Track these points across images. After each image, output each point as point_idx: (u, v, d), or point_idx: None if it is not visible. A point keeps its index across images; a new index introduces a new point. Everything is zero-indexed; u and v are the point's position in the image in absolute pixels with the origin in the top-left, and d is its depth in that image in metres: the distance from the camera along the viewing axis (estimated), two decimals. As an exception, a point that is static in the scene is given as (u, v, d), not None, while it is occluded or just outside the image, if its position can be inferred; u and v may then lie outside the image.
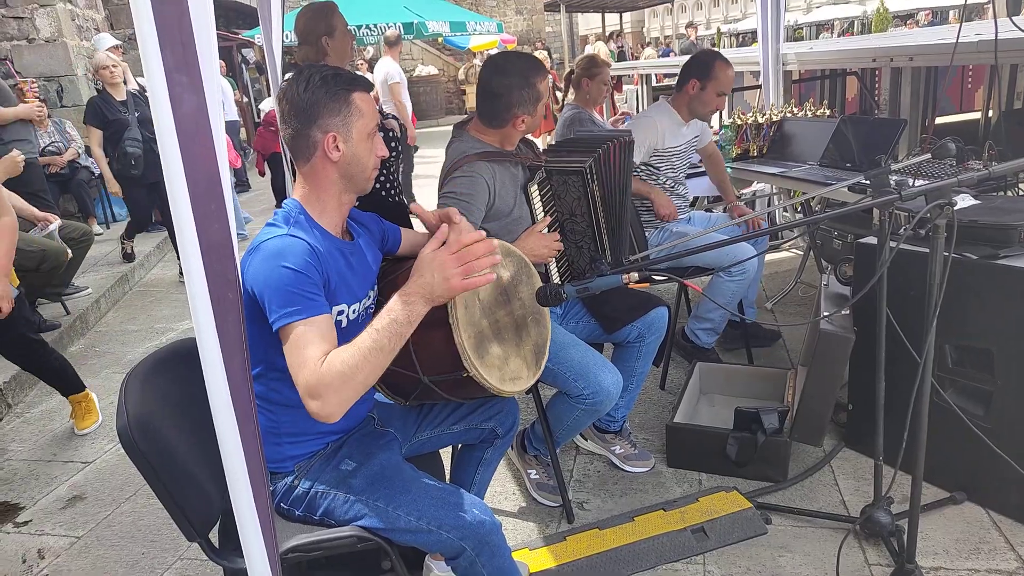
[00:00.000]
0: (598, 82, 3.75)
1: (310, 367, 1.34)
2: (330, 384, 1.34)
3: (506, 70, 2.12)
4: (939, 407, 2.07)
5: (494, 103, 2.12)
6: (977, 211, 2.22)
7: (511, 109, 2.11)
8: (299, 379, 1.35)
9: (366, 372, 1.37)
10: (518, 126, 2.15)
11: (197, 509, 1.46)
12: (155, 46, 1.09)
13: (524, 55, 2.29)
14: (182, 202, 1.13)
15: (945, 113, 4.81)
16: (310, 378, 1.34)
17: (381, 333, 1.40)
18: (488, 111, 2.15)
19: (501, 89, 2.10)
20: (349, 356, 1.36)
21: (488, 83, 2.13)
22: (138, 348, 4.28)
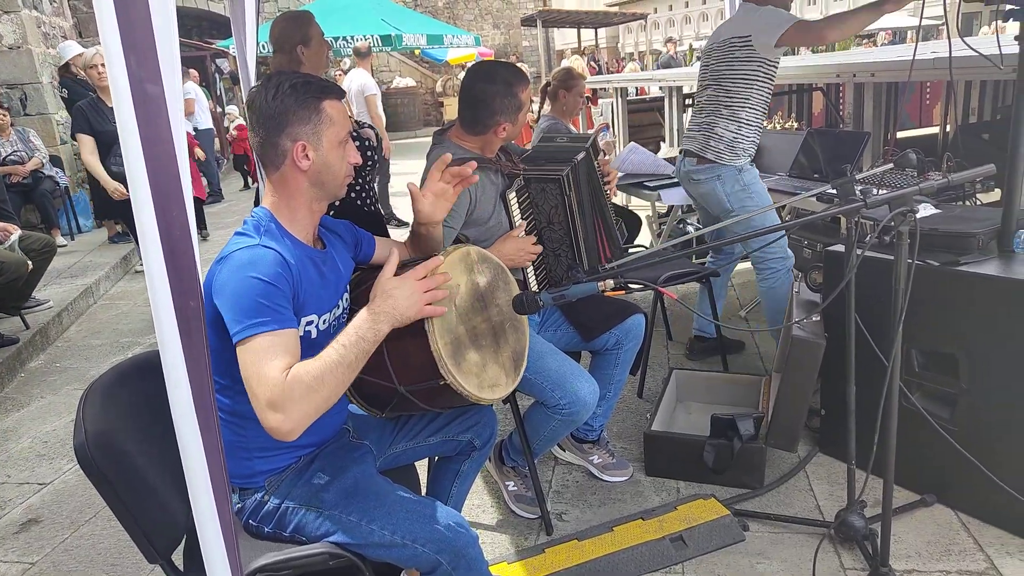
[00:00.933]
0: (574, 94, 3.78)
1: (273, 379, 1.31)
2: (295, 397, 1.31)
3: (490, 78, 2.14)
4: (908, 411, 2.10)
5: (477, 110, 2.13)
6: (938, 220, 2.27)
7: (493, 116, 2.12)
8: (259, 392, 1.31)
9: (331, 386, 1.36)
10: (499, 133, 2.16)
11: (160, 530, 1.41)
12: (119, 52, 1.08)
13: (508, 64, 2.31)
14: (146, 209, 1.11)
15: (905, 128, 4.94)
16: (273, 391, 1.30)
17: (348, 349, 1.39)
18: (470, 118, 2.16)
19: (484, 96, 2.11)
20: (315, 369, 1.35)
21: (471, 90, 2.15)
22: (101, 363, 4.16)
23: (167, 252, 1.13)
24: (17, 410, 3.63)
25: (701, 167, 3.03)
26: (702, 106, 3.05)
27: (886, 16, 2.77)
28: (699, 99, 3.09)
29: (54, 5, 7.59)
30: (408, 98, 17.55)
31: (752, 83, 2.87)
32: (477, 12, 22.63)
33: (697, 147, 3.03)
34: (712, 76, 2.99)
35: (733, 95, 2.91)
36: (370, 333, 1.43)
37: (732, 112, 2.92)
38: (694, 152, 3.05)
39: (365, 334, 1.42)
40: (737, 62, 2.87)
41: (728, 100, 2.92)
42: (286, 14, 2.92)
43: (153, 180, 1.11)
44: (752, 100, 2.90)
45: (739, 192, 2.99)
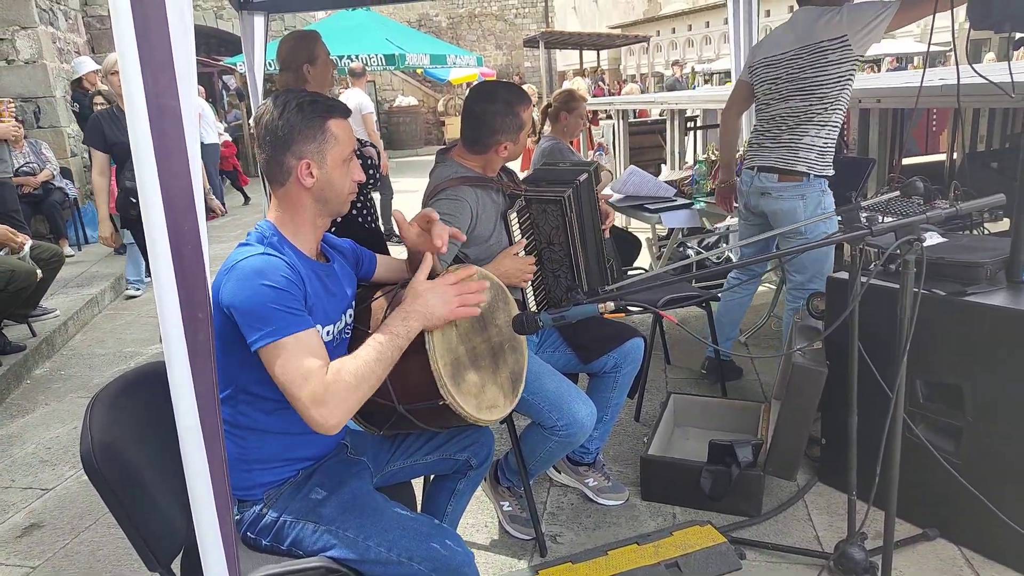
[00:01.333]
0: (575, 116, 3.81)
1: (316, 377, 1.35)
2: (338, 393, 1.36)
3: (491, 97, 2.15)
4: (911, 442, 2.09)
5: (478, 129, 2.15)
6: (945, 249, 2.27)
7: (495, 135, 2.14)
8: (302, 391, 1.35)
9: (371, 382, 1.42)
10: (501, 152, 2.17)
11: (160, 539, 1.41)
12: (136, 67, 1.09)
13: (510, 85, 2.33)
14: (156, 221, 1.12)
15: (911, 154, 4.96)
16: (316, 388, 1.35)
17: (384, 345, 1.44)
18: (472, 137, 2.18)
19: (486, 116, 2.13)
20: (356, 366, 1.40)
21: (473, 109, 2.16)
22: (105, 372, 4.18)
23: (177, 265, 1.14)
24: (22, 416, 3.64)
25: (785, 184, 2.91)
26: (781, 119, 2.92)
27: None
28: (771, 112, 2.96)
29: (69, 21, 7.70)
30: (410, 117, 17.68)
31: (845, 85, 2.77)
32: (480, 33, 22.86)
33: (780, 161, 2.90)
34: (795, 85, 2.85)
35: (827, 99, 2.79)
36: (402, 329, 1.48)
37: (824, 118, 2.81)
38: (777, 168, 2.92)
39: (398, 330, 1.47)
40: (831, 65, 2.74)
41: (821, 106, 2.80)
42: (293, 33, 2.96)
43: (166, 192, 1.12)
44: (842, 102, 2.81)
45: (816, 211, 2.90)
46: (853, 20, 2.69)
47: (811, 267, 2.95)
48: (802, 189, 2.89)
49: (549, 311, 1.60)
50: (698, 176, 4.15)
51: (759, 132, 3.04)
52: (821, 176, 2.88)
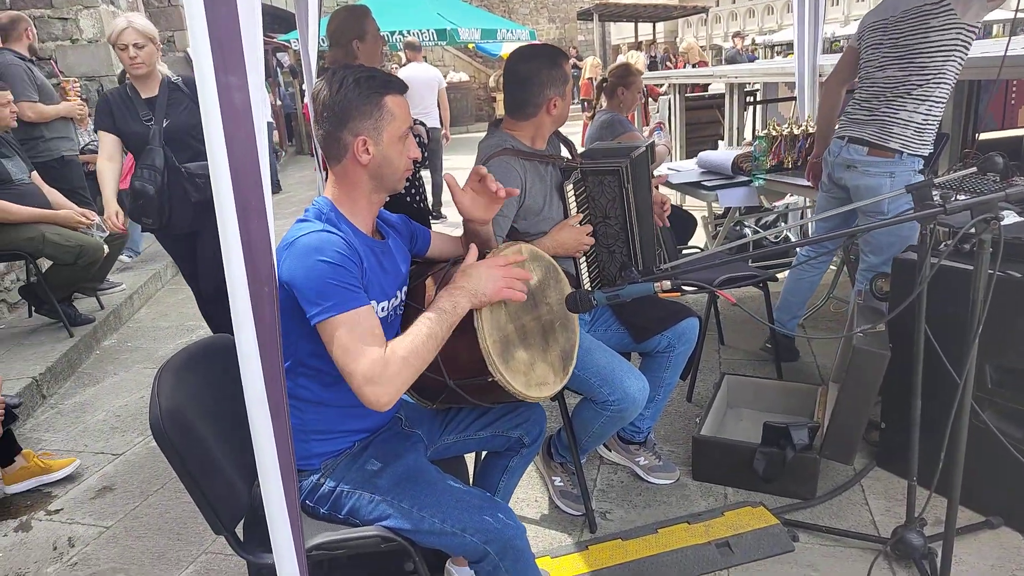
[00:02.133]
0: (633, 90, 3.76)
1: (371, 355, 1.38)
2: (391, 371, 1.39)
3: (532, 55, 2.16)
4: (976, 428, 2.01)
5: (525, 88, 2.14)
6: (1021, 228, 2.16)
7: (543, 91, 2.12)
8: (356, 367, 1.38)
9: (423, 358, 1.45)
10: (551, 111, 2.16)
11: (225, 503, 1.47)
12: (206, 45, 1.11)
13: (544, 44, 2.31)
14: (226, 198, 1.15)
15: (987, 129, 4.71)
16: (370, 366, 1.38)
17: (434, 321, 1.47)
18: (520, 100, 2.16)
19: (530, 73, 2.12)
20: (409, 343, 1.43)
21: (516, 71, 2.15)
22: (168, 344, 4.35)
23: (244, 240, 1.17)
24: (93, 385, 3.81)
25: (875, 159, 2.72)
26: (878, 89, 2.73)
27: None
28: (869, 81, 2.78)
29: (130, 1, 7.88)
30: (461, 92, 17.63)
31: (949, 55, 2.54)
32: (533, 6, 22.60)
33: (873, 135, 2.72)
34: (895, 54, 2.66)
35: (928, 71, 2.58)
36: (449, 305, 1.50)
37: (925, 92, 2.60)
38: (867, 141, 2.74)
39: (446, 307, 1.50)
40: (933, 32, 2.53)
41: (920, 78, 2.59)
42: (343, 8, 2.96)
43: (234, 170, 1.14)
44: (947, 75, 2.58)
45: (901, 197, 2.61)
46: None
47: (888, 249, 2.75)
48: (892, 166, 2.70)
49: (603, 289, 1.59)
50: (758, 153, 4.04)
51: (856, 102, 2.85)
52: (916, 155, 2.69)
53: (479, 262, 1.60)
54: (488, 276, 1.55)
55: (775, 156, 3.93)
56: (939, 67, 2.56)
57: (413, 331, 1.46)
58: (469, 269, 1.57)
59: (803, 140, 3.91)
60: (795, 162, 3.92)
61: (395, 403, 1.43)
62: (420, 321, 1.47)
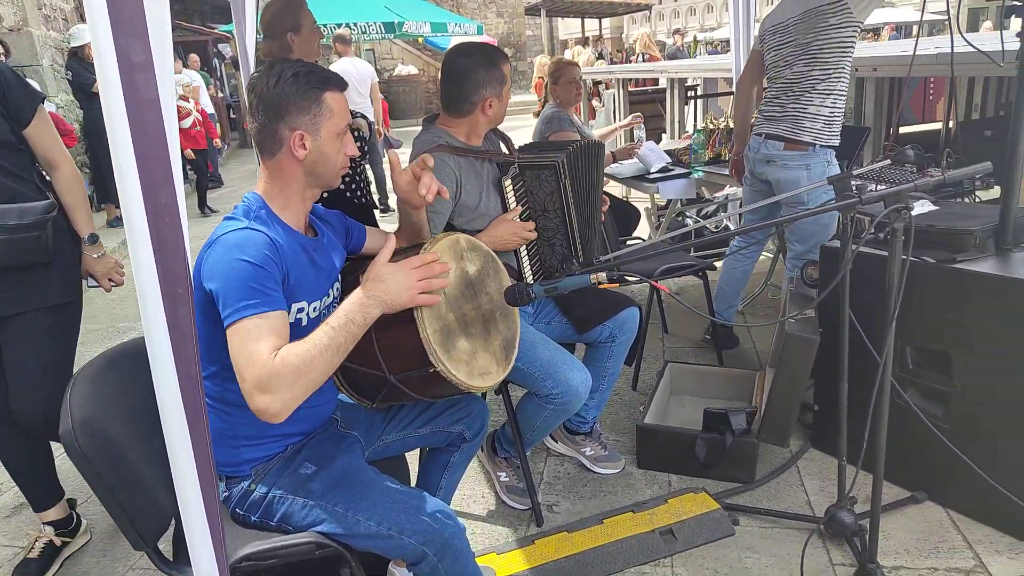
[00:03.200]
0: (563, 83, 3.73)
1: (262, 360, 1.31)
2: (284, 378, 1.31)
3: (469, 52, 2.13)
4: (900, 407, 2.10)
5: (461, 86, 2.11)
6: (935, 216, 2.26)
7: (478, 90, 2.10)
8: (247, 373, 1.31)
9: (320, 369, 1.35)
10: (486, 111, 2.14)
11: (146, 516, 1.41)
12: (108, 36, 1.06)
13: (484, 43, 2.29)
14: (133, 195, 1.11)
15: (908, 123, 4.92)
16: (261, 371, 1.30)
17: (337, 331, 1.39)
18: (455, 97, 2.13)
19: (467, 69, 2.10)
20: (304, 351, 1.34)
21: (453, 68, 2.13)
22: (97, 348, 4.12)
23: (155, 238, 1.13)
24: (12, 394, 3.61)
25: (791, 152, 2.88)
26: (787, 87, 2.90)
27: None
28: (778, 80, 2.95)
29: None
30: (410, 86, 17.48)
31: (847, 51, 2.73)
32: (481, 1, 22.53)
33: (787, 130, 2.88)
34: (798, 52, 2.82)
35: (830, 66, 2.75)
36: (359, 316, 1.42)
37: (828, 86, 2.78)
38: (783, 136, 2.89)
39: (354, 317, 1.42)
40: (832, 29, 2.70)
41: (823, 72, 2.77)
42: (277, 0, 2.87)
43: (142, 164, 1.10)
44: (846, 69, 2.77)
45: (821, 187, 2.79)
46: None
47: (811, 237, 2.92)
48: (807, 159, 2.86)
49: (542, 282, 1.60)
50: (696, 145, 4.11)
51: (767, 100, 3.02)
52: (827, 146, 2.85)
53: (393, 265, 1.51)
54: (401, 283, 1.47)
55: (712, 148, 4.00)
56: (838, 62, 2.75)
57: (312, 338, 1.37)
58: (383, 273, 1.48)
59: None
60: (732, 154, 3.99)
61: (289, 413, 1.34)
62: (321, 328, 1.39)
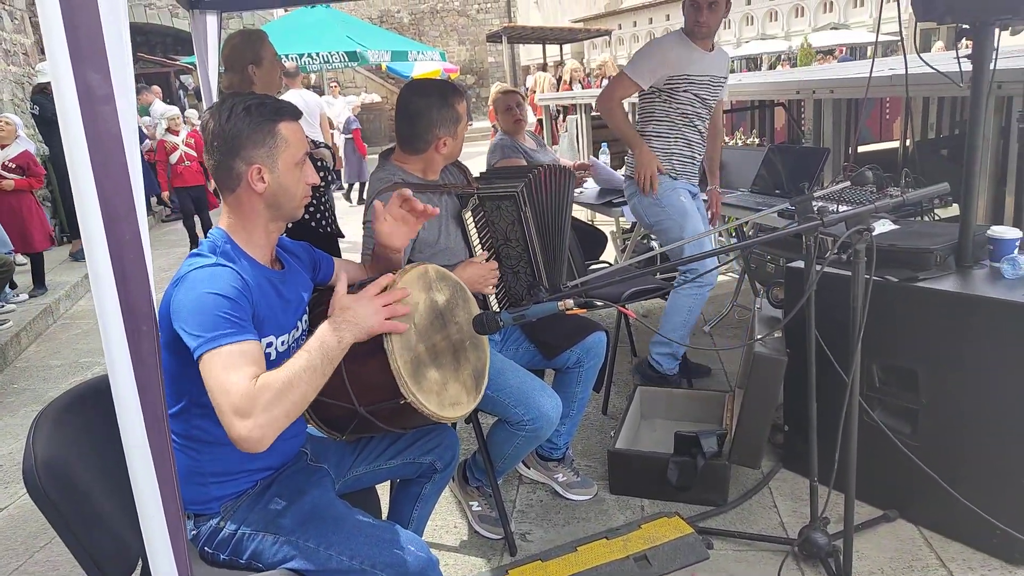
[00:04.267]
0: (502, 112, 3.78)
1: (241, 387, 1.28)
2: (263, 403, 1.28)
3: (424, 91, 2.12)
4: (869, 426, 2.12)
5: (414, 125, 2.11)
6: (896, 236, 2.31)
7: (431, 130, 2.10)
8: (225, 402, 1.28)
9: (300, 391, 1.33)
10: (440, 149, 2.13)
11: (111, 558, 1.37)
12: (67, 69, 1.04)
13: (441, 80, 2.30)
14: (95, 230, 1.08)
15: (866, 142, 5.05)
16: (240, 399, 1.27)
17: (313, 354, 1.37)
18: (409, 135, 2.13)
19: (420, 110, 2.09)
20: (283, 375, 1.32)
21: (407, 106, 2.12)
22: (60, 384, 4.07)
23: (118, 274, 1.10)
24: (-30, 432, 3.51)
25: (627, 183, 3.29)
26: None
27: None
28: None
29: (15, 22, 7.47)
30: (374, 114, 17.52)
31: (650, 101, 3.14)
32: (443, 28, 22.78)
33: (630, 167, 3.27)
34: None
35: (644, 112, 3.20)
36: (333, 339, 1.40)
37: (643, 129, 3.18)
38: (629, 175, 3.27)
39: (328, 340, 1.40)
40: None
41: (641, 119, 3.22)
42: (237, 33, 2.87)
43: (103, 198, 1.08)
44: (657, 114, 3.13)
45: (651, 205, 3.15)
46: None
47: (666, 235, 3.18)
48: (634, 185, 3.19)
49: (510, 310, 1.60)
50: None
51: None
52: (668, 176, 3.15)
53: (354, 295, 1.49)
54: (368, 307, 1.47)
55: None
56: (649, 108, 3.15)
57: (289, 364, 1.35)
58: (346, 303, 1.47)
59: (701, 156, 4.05)
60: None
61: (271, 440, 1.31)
62: (299, 354, 1.38)
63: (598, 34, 21.25)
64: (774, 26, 29.27)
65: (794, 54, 23.16)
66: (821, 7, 27.92)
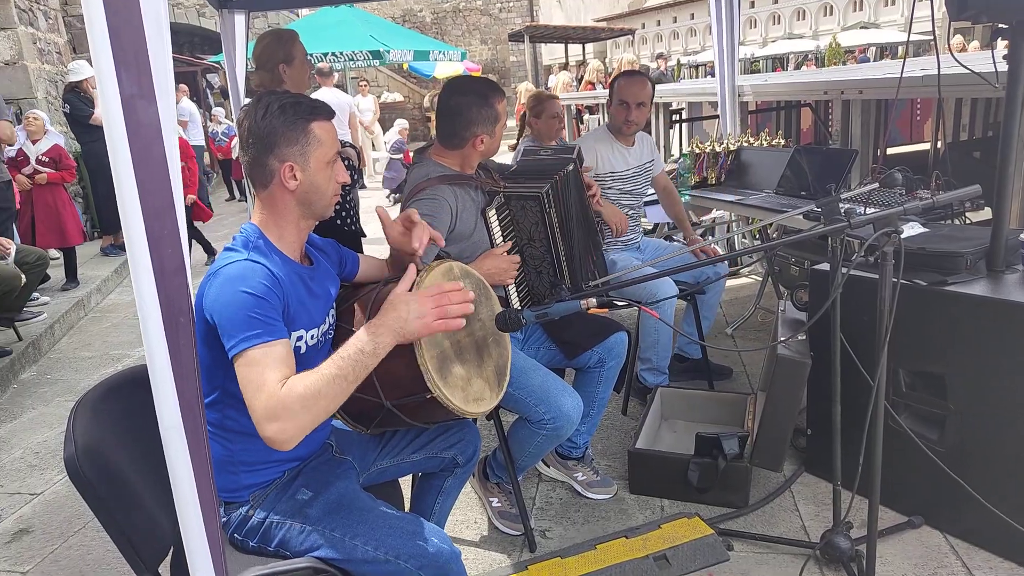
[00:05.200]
0: (546, 119, 3.71)
1: (269, 390, 1.31)
2: (291, 408, 1.31)
3: (465, 90, 2.15)
4: (895, 431, 2.10)
5: (453, 122, 2.14)
6: (925, 239, 2.28)
7: (470, 127, 2.13)
8: (256, 403, 1.31)
9: (328, 399, 1.35)
10: (477, 146, 2.16)
11: (147, 541, 1.41)
12: (111, 68, 1.08)
13: (484, 78, 2.32)
14: (135, 225, 1.11)
15: (896, 144, 4.98)
16: (269, 401, 1.30)
17: (346, 362, 1.38)
18: (448, 131, 2.17)
19: (460, 108, 2.12)
20: (312, 382, 1.34)
21: (448, 103, 2.16)
22: (91, 375, 4.16)
23: (157, 268, 1.13)
24: (9, 421, 3.62)
25: None
26: None
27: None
28: None
29: (49, 21, 7.62)
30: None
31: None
32: (465, 28, 22.82)
33: None
34: None
35: None
36: (369, 346, 1.41)
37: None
38: None
39: (365, 346, 1.41)
40: None
41: None
42: (269, 32, 2.92)
43: (144, 196, 1.11)
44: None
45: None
46: None
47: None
48: None
49: (532, 308, 1.60)
50: (682, 169, 4.16)
51: None
52: None
53: (409, 295, 1.47)
54: (417, 311, 1.44)
55: (699, 173, 4.05)
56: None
57: (321, 368, 1.37)
58: (397, 302, 1.45)
59: (724, 157, 4.04)
60: (718, 178, 4.04)
61: (298, 441, 1.34)
62: (332, 359, 1.39)
63: (621, 33, 21.20)
64: (802, 25, 28.97)
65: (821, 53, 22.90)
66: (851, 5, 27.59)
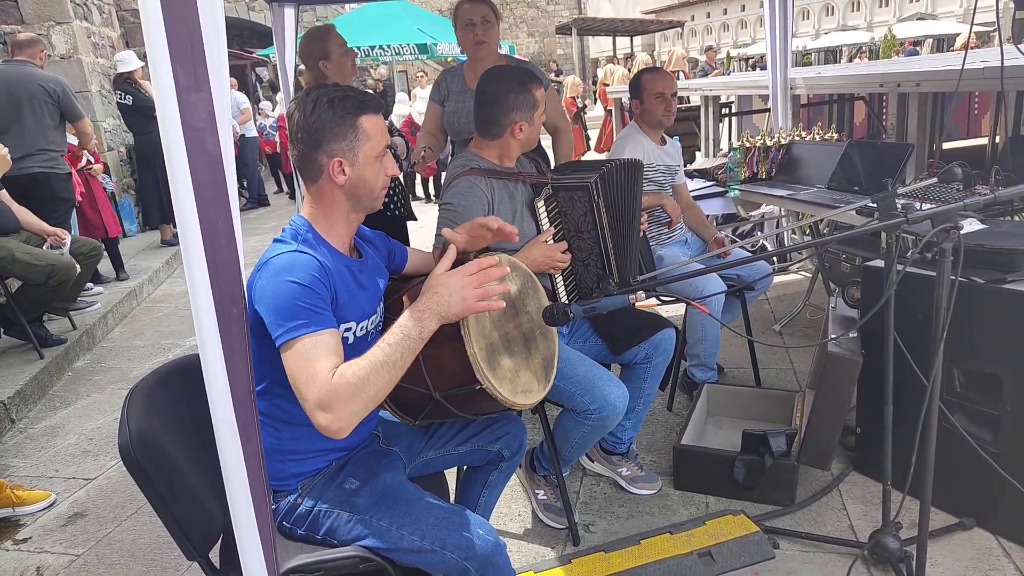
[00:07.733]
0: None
1: (321, 380, 1.33)
2: (342, 397, 1.33)
3: (503, 76, 2.15)
4: (948, 431, 2.05)
5: (492, 109, 2.14)
6: (984, 235, 2.21)
7: (508, 114, 2.12)
8: (308, 392, 1.34)
9: (378, 385, 1.37)
10: (516, 135, 2.15)
11: (198, 527, 1.45)
12: (166, 62, 1.11)
13: (521, 66, 2.30)
14: (189, 217, 1.14)
15: (952, 138, 4.81)
16: (321, 391, 1.33)
17: (393, 347, 1.40)
18: (486, 119, 2.16)
19: (498, 94, 2.12)
20: (361, 369, 1.36)
21: (485, 91, 2.15)
22: (143, 364, 4.29)
23: (210, 259, 1.16)
24: (64, 408, 3.74)
25: None
26: None
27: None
28: None
29: (103, 16, 7.84)
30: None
31: None
32: (512, 20, 22.77)
33: None
34: None
35: None
36: (415, 330, 1.42)
37: None
38: None
39: (410, 331, 1.42)
40: None
41: None
42: (308, 31, 2.98)
43: (198, 188, 1.14)
44: None
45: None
46: None
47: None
48: None
49: (580, 302, 1.59)
50: (732, 164, 4.09)
51: None
52: None
53: (447, 273, 1.48)
54: (457, 291, 1.45)
55: (749, 167, 3.98)
56: None
57: (369, 355, 1.38)
58: (437, 284, 1.46)
59: (775, 151, 3.96)
60: (768, 172, 3.97)
61: (352, 428, 1.37)
62: (379, 345, 1.40)
63: (670, 26, 20.90)
64: (856, 16, 28.13)
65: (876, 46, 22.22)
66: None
